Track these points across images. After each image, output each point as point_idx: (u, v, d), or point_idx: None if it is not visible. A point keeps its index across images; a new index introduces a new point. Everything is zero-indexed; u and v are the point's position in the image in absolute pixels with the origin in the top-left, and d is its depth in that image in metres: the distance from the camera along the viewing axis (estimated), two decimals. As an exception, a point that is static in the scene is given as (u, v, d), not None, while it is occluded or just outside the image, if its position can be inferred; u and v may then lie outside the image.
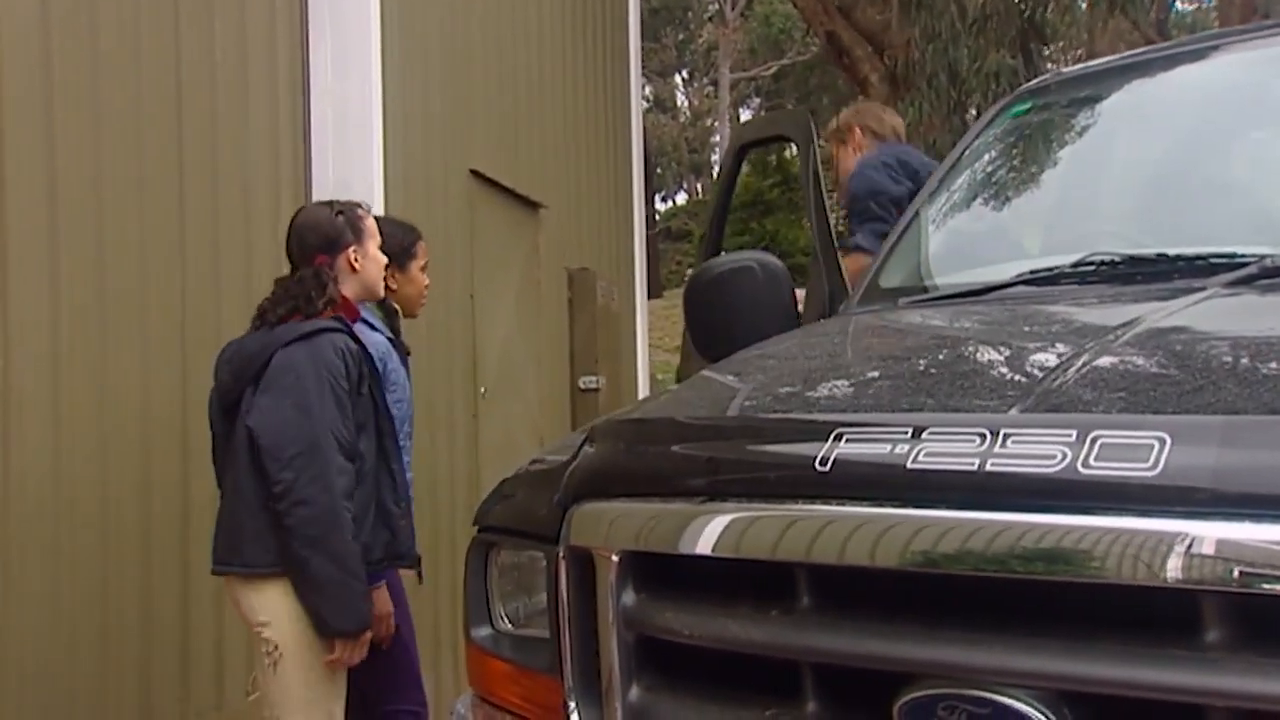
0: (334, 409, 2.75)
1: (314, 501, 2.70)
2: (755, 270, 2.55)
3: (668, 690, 1.56)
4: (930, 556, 1.30)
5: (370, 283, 3.08)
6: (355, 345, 2.87)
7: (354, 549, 2.74)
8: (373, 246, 3.08)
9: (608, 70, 8.26)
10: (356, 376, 2.83)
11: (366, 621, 2.81)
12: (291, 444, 2.72)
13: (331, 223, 3.01)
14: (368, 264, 3.04)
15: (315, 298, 2.88)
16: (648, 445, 1.63)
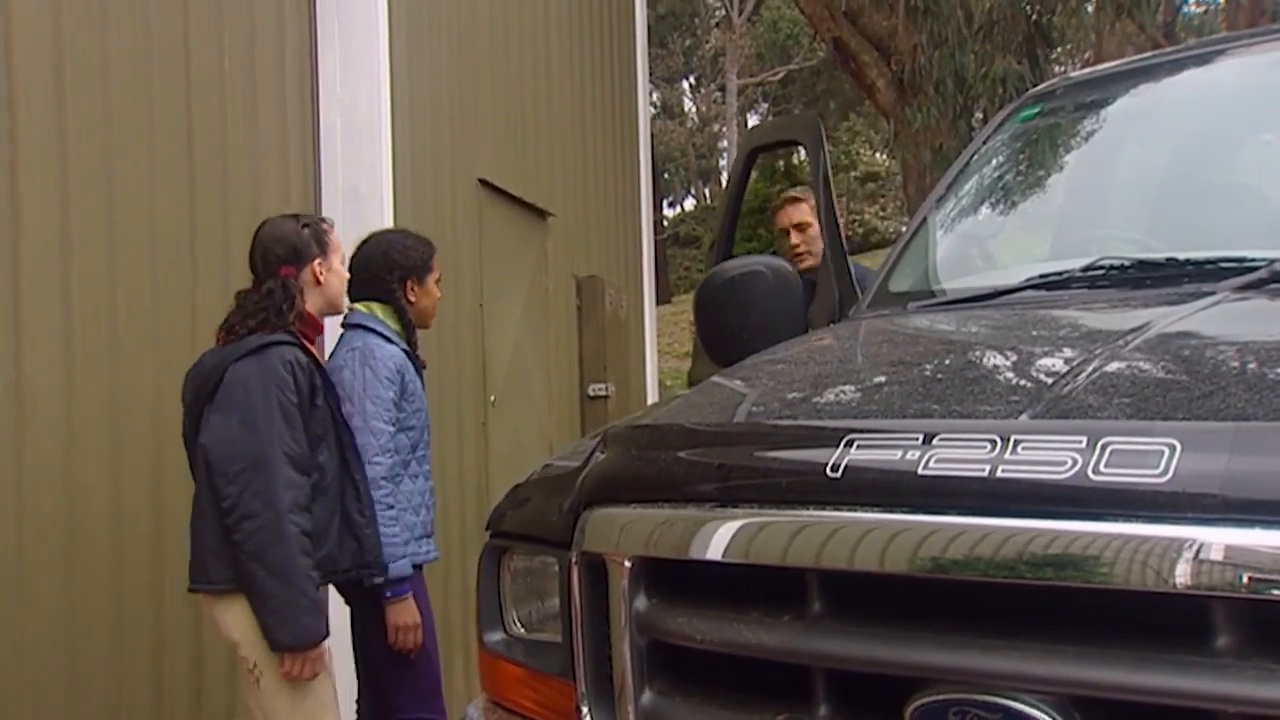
0: (281, 423, 2.74)
1: (257, 515, 2.69)
2: (765, 274, 2.56)
3: (680, 695, 1.56)
4: (941, 562, 1.30)
5: (333, 296, 3.07)
6: (305, 358, 2.86)
7: (299, 563, 2.71)
8: (336, 260, 3.07)
9: (615, 77, 8.28)
10: (308, 389, 2.82)
11: (310, 637, 2.74)
12: (237, 459, 2.72)
13: (298, 235, 2.99)
14: (331, 277, 3.04)
15: (285, 311, 2.88)
16: (659, 451, 1.64)
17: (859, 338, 2.10)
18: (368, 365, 3.22)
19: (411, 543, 3.25)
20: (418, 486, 3.31)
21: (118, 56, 3.64)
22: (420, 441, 3.33)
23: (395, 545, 3.16)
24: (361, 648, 3.40)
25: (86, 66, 3.51)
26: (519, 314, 6.18)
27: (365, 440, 3.15)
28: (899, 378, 1.73)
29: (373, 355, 3.24)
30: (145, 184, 3.70)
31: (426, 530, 3.34)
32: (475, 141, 5.82)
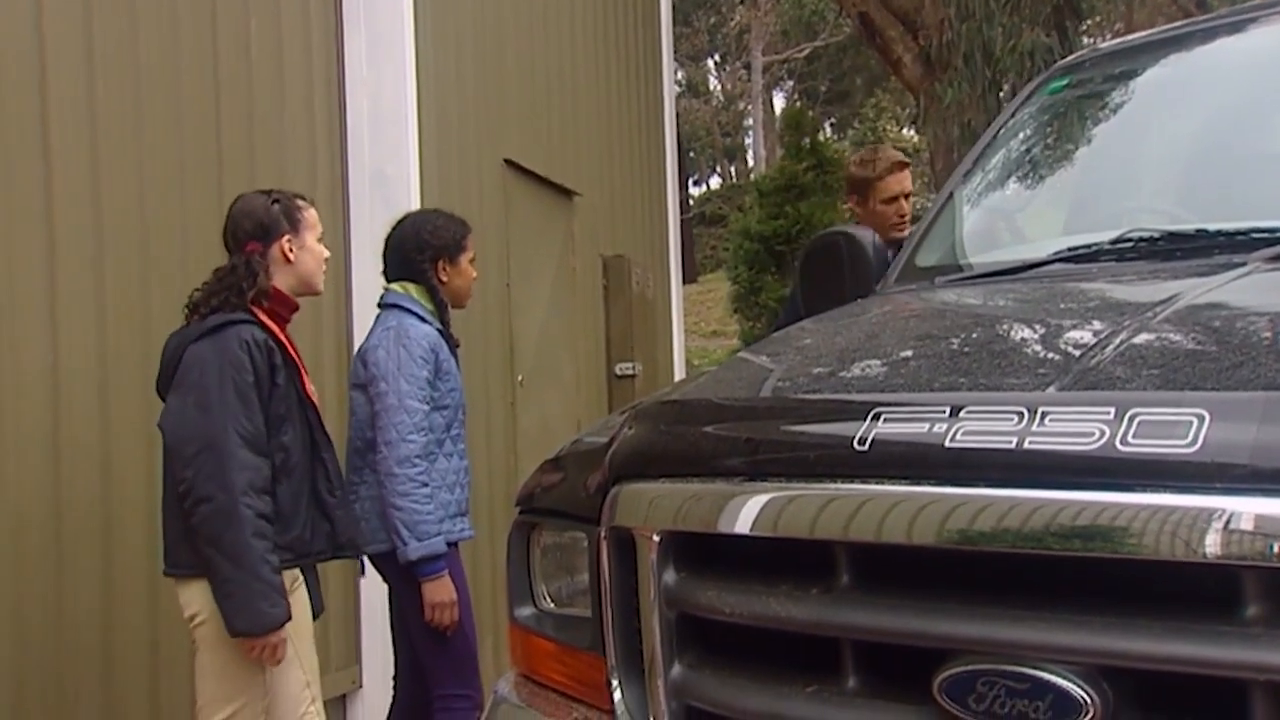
0: (236, 403, 2.69)
1: (211, 499, 2.65)
2: (840, 243, 2.65)
3: (709, 668, 1.57)
4: (969, 534, 1.31)
5: (306, 275, 2.98)
6: (265, 336, 2.80)
7: (253, 547, 2.65)
8: (310, 238, 2.99)
9: (640, 56, 8.26)
10: (267, 368, 2.77)
11: (266, 622, 2.68)
12: (191, 442, 2.68)
13: (266, 210, 2.93)
14: (303, 255, 2.96)
15: (245, 289, 2.82)
16: (687, 426, 1.65)
17: (885, 312, 2.10)
18: (402, 345, 3.25)
19: (446, 521, 3.27)
20: (452, 465, 3.34)
21: (146, 44, 3.67)
22: (455, 420, 3.36)
23: (429, 523, 3.19)
24: (400, 625, 3.44)
25: (116, 55, 3.54)
26: (546, 294, 6.20)
27: (400, 419, 3.19)
28: (925, 351, 1.73)
29: (407, 335, 3.27)
30: (174, 170, 3.73)
31: (461, 509, 3.37)
32: (501, 122, 5.82)
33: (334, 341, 4.44)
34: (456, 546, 3.36)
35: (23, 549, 3.13)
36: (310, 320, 4.36)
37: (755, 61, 30.86)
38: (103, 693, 3.34)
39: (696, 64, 34.95)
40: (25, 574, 3.13)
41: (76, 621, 3.25)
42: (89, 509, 3.28)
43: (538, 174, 6.16)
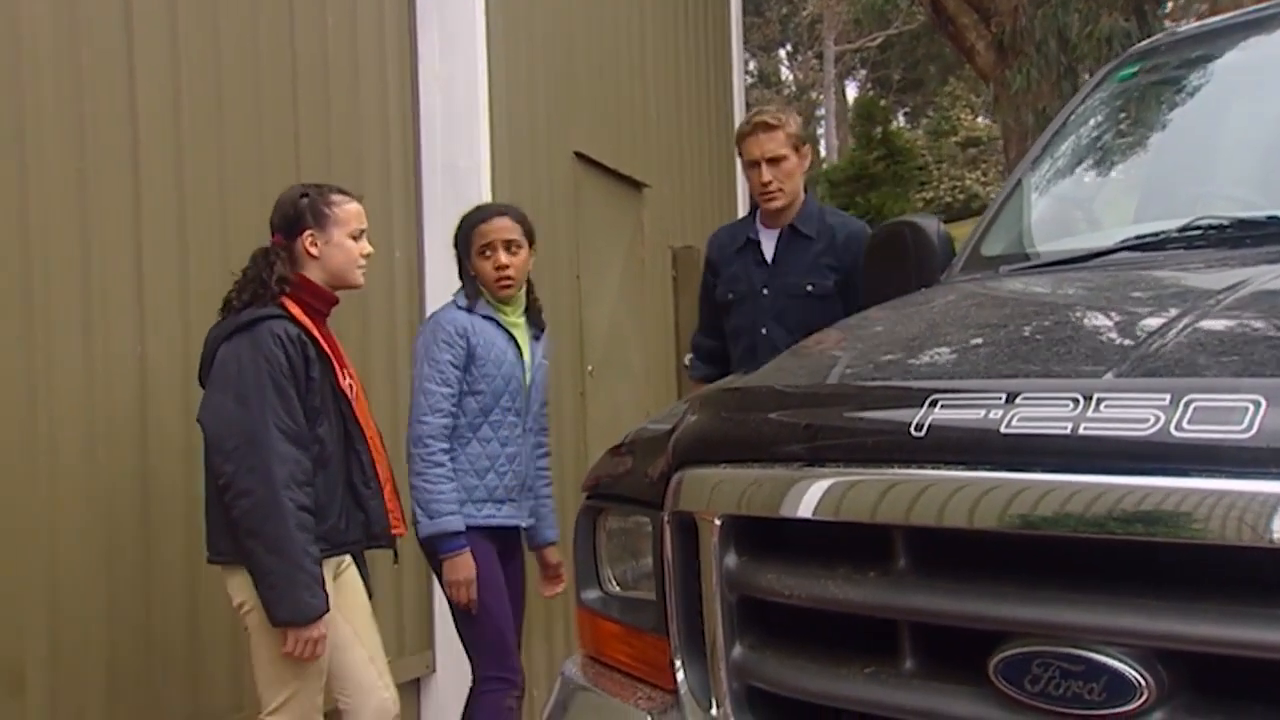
0: (274, 397, 2.73)
1: (252, 492, 2.69)
2: (905, 233, 2.68)
3: (770, 649, 1.61)
4: (1030, 519, 1.33)
5: (335, 270, 2.98)
6: (296, 330, 2.83)
7: (296, 538, 2.69)
8: (340, 234, 2.97)
9: (710, 47, 8.27)
10: (301, 361, 2.81)
11: (308, 612, 2.72)
12: (231, 436, 2.72)
13: (294, 205, 2.98)
14: (329, 250, 2.96)
15: (266, 279, 2.87)
16: (749, 412, 1.68)
17: (947, 301, 2.11)
18: (432, 330, 3.39)
19: (469, 504, 3.31)
20: (487, 450, 3.35)
21: (227, 43, 3.78)
22: (494, 406, 3.36)
23: (443, 503, 3.25)
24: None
25: (199, 54, 3.65)
26: (615, 285, 6.25)
27: (417, 400, 3.31)
28: (986, 339, 1.74)
29: (438, 321, 3.42)
30: (254, 165, 3.84)
31: (492, 495, 3.36)
32: (571, 115, 5.88)
33: (408, 333, 4.53)
34: (488, 531, 3.37)
35: (115, 535, 3.25)
36: (384, 312, 4.46)
37: (827, 51, 30.63)
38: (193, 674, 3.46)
39: (768, 54, 34.79)
40: (117, 558, 3.25)
41: (165, 605, 3.37)
42: (173, 495, 3.39)
43: (607, 166, 6.20)
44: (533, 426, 3.53)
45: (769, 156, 3.53)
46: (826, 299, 3.49)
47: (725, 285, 3.70)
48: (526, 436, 3.49)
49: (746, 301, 3.62)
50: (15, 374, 3.02)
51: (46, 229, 3.12)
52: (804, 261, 3.56)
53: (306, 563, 2.71)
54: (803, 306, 3.50)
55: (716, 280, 3.74)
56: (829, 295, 3.50)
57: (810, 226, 3.59)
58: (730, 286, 3.68)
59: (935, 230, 2.69)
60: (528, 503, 3.51)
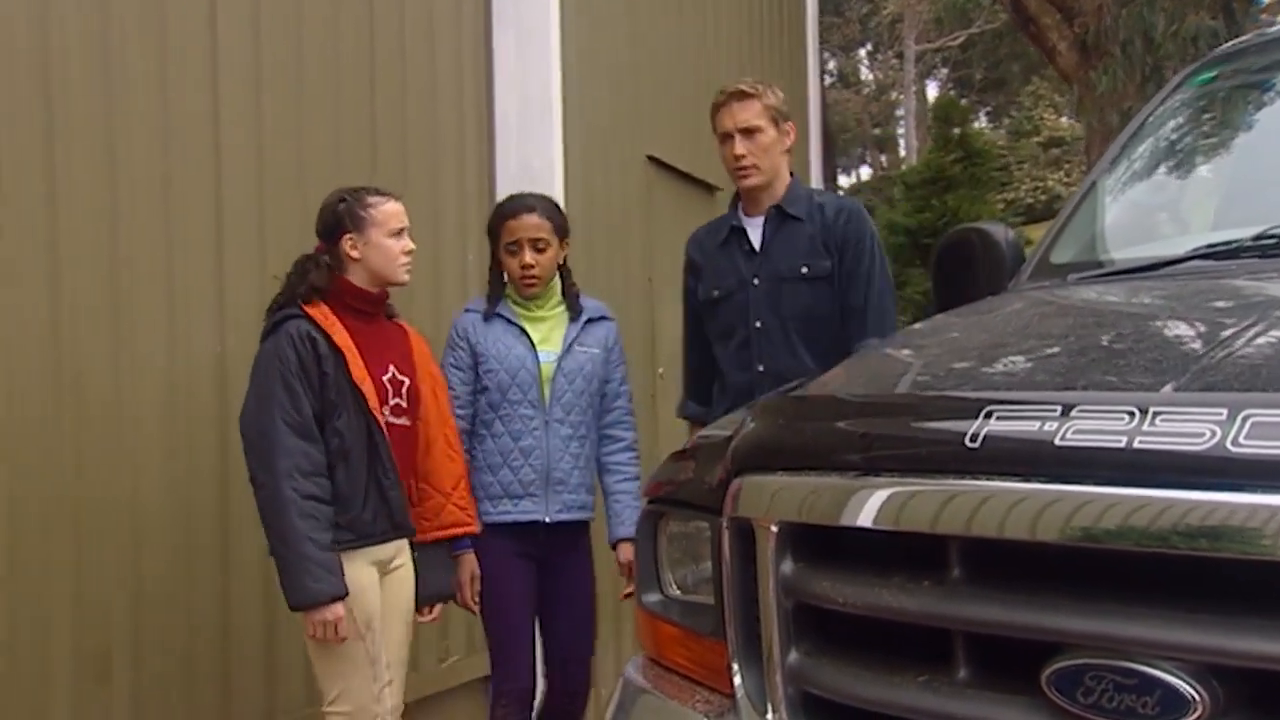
0: (281, 393, 2.84)
1: (264, 486, 2.83)
2: (974, 239, 2.67)
3: (825, 656, 1.62)
4: (1090, 532, 1.33)
5: (376, 269, 3.05)
6: (308, 328, 2.92)
7: (298, 526, 2.78)
8: (378, 234, 3.04)
9: (785, 49, 8.26)
10: (313, 358, 2.89)
11: (312, 597, 2.80)
12: (249, 433, 2.88)
13: (332, 210, 3.06)
14: (369, 251, 3.03)
15: (297, 285, 2.98)
16: (805, 420, 1.70)
17: (1011, 310, 2.10)
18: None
19: (485, 501, 3.30)
20: (499, 445, 3.32)
21: (309, 43, 3.88)
22: (502, 400, 3.33)
23: None
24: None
25: (281, 56, 3.76)
26: (687, 288, 6.26)
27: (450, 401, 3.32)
28: (1046, 350, 1.74)
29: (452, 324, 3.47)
30: (331, 166, 3.93)
31: (507, 490, 3.32)
32: (644, 118, 5.91)
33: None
34: (511, 528, 3.32)
35: (195, 530, 3.35)
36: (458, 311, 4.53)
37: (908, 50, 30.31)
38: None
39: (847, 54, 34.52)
40: (196, 554, 3.35)
41: (243, 600, 3.47)
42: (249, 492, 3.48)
43: (680, 169, 6.23)
44: (563, 417, 3.37)
45: (742, 127, 3.29)
46: (823, 281, 3.28)
47: (710, 282, 3.43)
48: (551, 428, 3.35)
49: (736, 295, 3.35)
50: (103, 373, 3.14)
51: (133, 230, 3.25)
52: (797, 244, 3.31)
53: (309, 549, 2.79)
54: (798, 291, 3.29)
55: (699, 282, 3.48)
56: (825, 277, 3.28)
57: (798, 207, 3.34)
58: (716, 282, 3.41)
59: (1004, 237, 2.68)
60: (564, 496, 3.36)
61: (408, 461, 3.08)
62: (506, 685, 3.32)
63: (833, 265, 3.28)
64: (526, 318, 3.41)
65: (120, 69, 3.23)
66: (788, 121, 3.38)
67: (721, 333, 3.41)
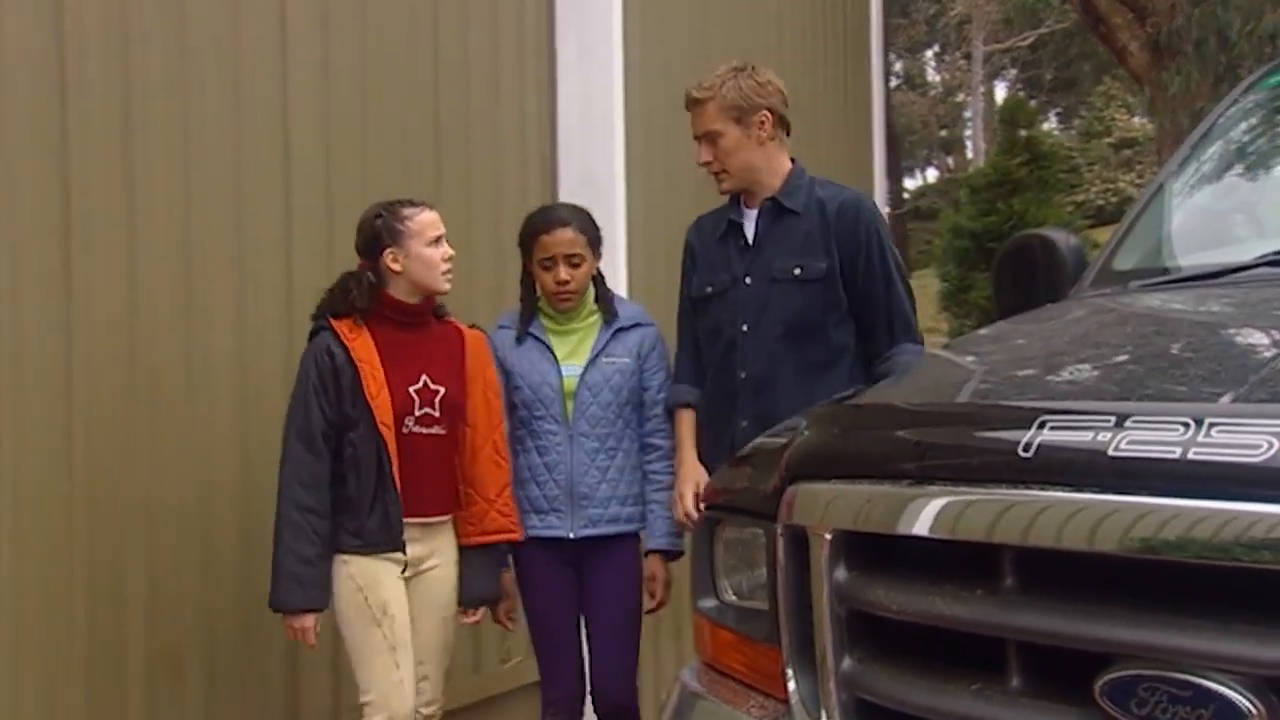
0: (299, 405, 2.96)
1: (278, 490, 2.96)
2: (1035, 245, 2.67)
3: (878, 663, 1.63)
4: (1150, 543, 1.32)
5: (417, 280, 3.07)
6: (326, 343, 2.99)
7: (283, 535, 2.90)
8: (417, 245, 3.05)
9: (849, 53, 8.22)
10: (330, 371, 2.96)
11: (280, 604, 2.93)
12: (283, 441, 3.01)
13: (370, 226, 3.09)
14: (410, 263, 3.05)
15: (336, 300, 3.05)
16: (859, 430, 1.71)
17: (1070, 318, 2.09)
18: None
19: (529, 515, 3.28)
20: (529, 461, 3.31)
21: (374, 53, 3.96)
22: (530, 417, 3.31)
23: None
24: None
25: (348, 63, 3.84)
26: (750, 293, 6.26)
27: None
28: (1104, 359, 1.73)
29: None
30: (398, 172, 3.99)
31: (534, 505, 3.30)
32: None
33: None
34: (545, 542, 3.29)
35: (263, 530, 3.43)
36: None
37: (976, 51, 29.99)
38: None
39: (914, 55, 34.24)
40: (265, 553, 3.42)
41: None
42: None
43: (743, 174, 6.22)
44: (588, 431, 3.29)
45: (701, 134, 3.12)
46: (817, 284, 3.02)
47: (703, 277, 3.21)
48: (576, 443, 3.29)
49: (728, 293, 3.12)
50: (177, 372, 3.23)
51: (206, 230, 3.33)
52: (791, 241, 3.06)
53: (288, 560, 2.90)
54: (790, 294, 3.03)
55: (694, 273, 3.26)
56: (819, 279, 3.02)
57: (796, 200, 3.09)
58: (709, 278, 3.19)
59: (1066, 243, 2.66)
60: (589, 511, 3.28)
61: (443, 470, 3.10)
62: (552, 693, 3.33)
63: (829, 267, 3.03)
64: (556, 331, 3.36)
65: (196, 75, 3.33)
66: (758, 112, 3.09)
67: (710, 332, 3.19)
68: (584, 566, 3.33)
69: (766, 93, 3.12)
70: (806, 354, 3.02)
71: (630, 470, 3.35)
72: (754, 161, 3.10)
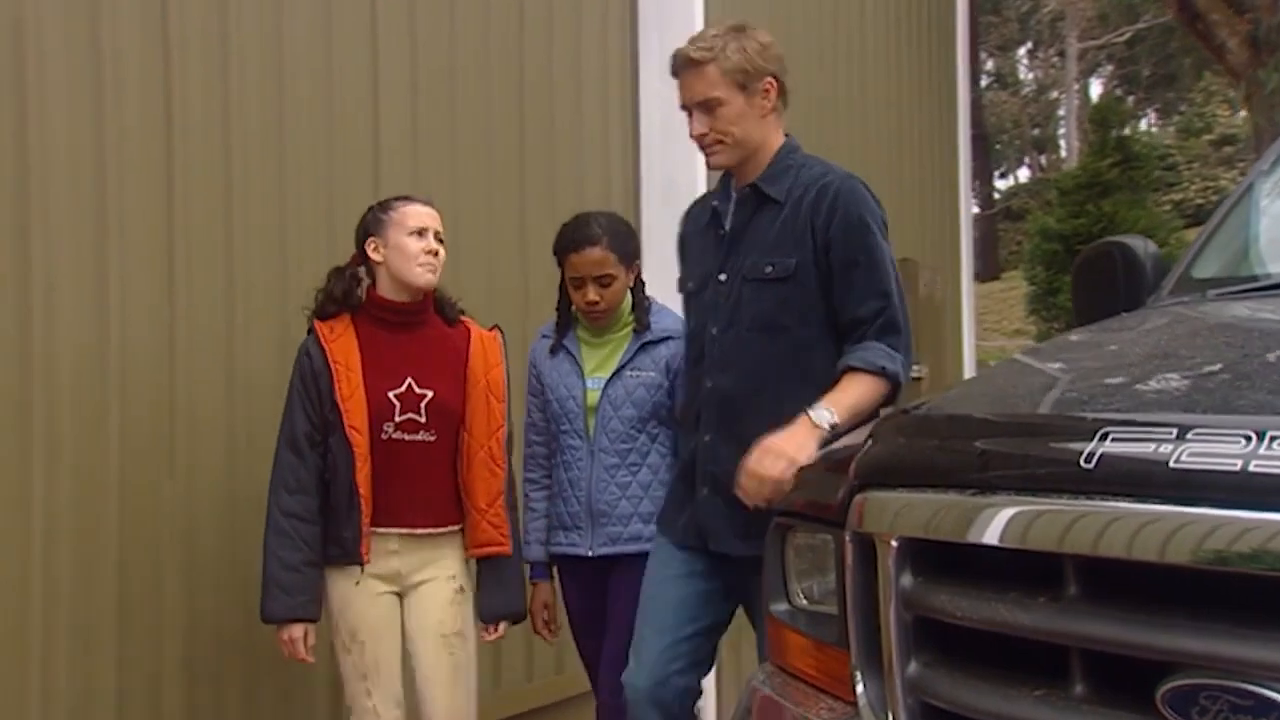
0: (286, 409, 2.89)
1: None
2: (1114, 253, 2.66)
3: (944, 667, 1.66)
4: (1223, 555, 1.34)
5: (395, 272, 2.93)
6: (305, 344, 2.92)
7: (269, 543, 2.82)
8: (397, 235, 2.92)
9: (933, 54, 8.17)
10: (311, 375, 2.88)
11: (265, 614, 2.83)
12: None
13: (362, 221, 3.00)
14: (390, 253, 2.92)
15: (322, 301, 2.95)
16: (924, 439, 1.74)
17: (1144, 328, 2.09)
18: None
19: (557, 531, 3.24)
20: (558, 477, 3.25)
21: (461, 65, 4.07)
22: (559, 432, 3.23)
23: (526, 531, 3.21)
24: None
25: (436, 75, 3.94)
26: (831, 297, 6.26)
27: None
28: (1169, 370, 1.74)
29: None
30: (483, 183, 4.10)
31: (560, 522, 3.22)
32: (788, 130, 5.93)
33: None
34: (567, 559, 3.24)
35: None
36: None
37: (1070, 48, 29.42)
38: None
39: (1005, 54, 33.71)
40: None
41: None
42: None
43: (825, 179, 6.23)
44: (608, 446, 3.16)
45: (698, 101, 2.66)
46: (787, 283, 2.64)
47: (687, 272, 2.88)
48: (596, 458, 3.17)
49: (703, 292, 2.78)
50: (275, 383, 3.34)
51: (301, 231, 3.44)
52: (766, 234, 2.68)
53: (273, 568, 2.82)
54: (760, 295, 2.66)
55: (684, 265, 2.94)
56: (788, 278, 2.64)
57: (780, 186, 2.70)
58: (690, 271, 2.86)
59: (1145, 251, 2.65)
60: (608, 529, 3.16)
61: (432, 478, 2.95)
62: (601, 698, 3.25)
63: (798, 263, 2.64)
64: (589, 343, 3.25)
65: (291, 92, 3.46)
66: (763, 78, 2.70)
67: (690, 335, 2.87)
68: (607, 585, 3.19)
69: (770, 56, 2.75)
70: (776, 363, 2.65)
71: (655, 487, 3.15)
72: (754, 135, 2.70)
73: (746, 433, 2.49)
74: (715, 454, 2.67)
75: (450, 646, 2.94)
